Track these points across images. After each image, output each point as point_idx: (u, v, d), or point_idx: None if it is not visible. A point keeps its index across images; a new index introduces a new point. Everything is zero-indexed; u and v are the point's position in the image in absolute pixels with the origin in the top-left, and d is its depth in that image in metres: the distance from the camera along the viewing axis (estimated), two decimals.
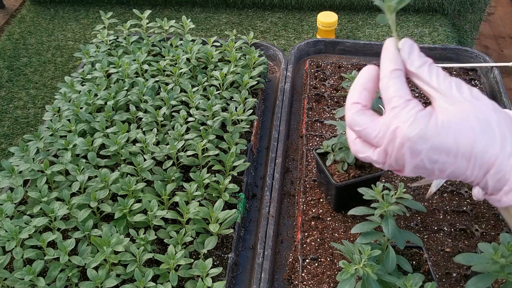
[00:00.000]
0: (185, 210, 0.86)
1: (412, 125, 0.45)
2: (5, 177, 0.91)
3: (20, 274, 0.76)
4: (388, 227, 0.65)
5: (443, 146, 0.45)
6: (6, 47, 1.91)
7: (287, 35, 1.90)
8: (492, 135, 0.45)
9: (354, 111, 0.49)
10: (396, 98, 0.46)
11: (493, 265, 0.60)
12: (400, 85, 0.47)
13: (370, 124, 0.48)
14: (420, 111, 0.45)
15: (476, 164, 0.45)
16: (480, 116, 0.45)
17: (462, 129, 0.44)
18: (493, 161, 0.45)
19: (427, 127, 0.45)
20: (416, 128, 0.44)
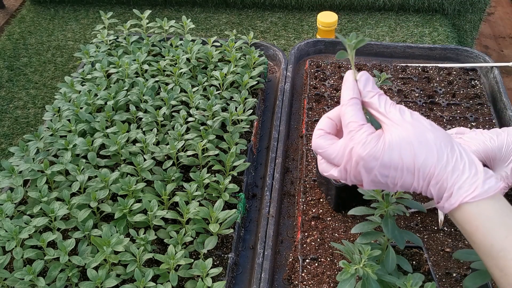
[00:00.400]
0: (185, 210, 0.86)
1: (364, 146, 0.53)
2: (5, 177, 0.91)
3: (20, 274, 0.76)
4: (388, 227, 0.65)
5: (390, 162, 0.52)
6: (6, 47, 1.91)
7: (287, 35, 1.90)
8: (430, 149, 0.52)
9: (317, 136, 0.58)
10: (352, 123, 0.55)
11: None
12: (356, 111, 0.56)
13: (330, 147, 0.56)
14: (371, 133, 0.54)
15: (420, 176, 0.53)
16: (419, 135, 0.53)
17: (404, 147, 0.52)
18: (433, 171, 0.52)
19: (376, 147, 0.53)
20: (367, 148, 0.53)
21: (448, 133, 0.55)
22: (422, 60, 1.34)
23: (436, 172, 0.52)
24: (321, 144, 0.58)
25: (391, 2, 2.04)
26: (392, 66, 1.28)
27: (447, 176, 0.52)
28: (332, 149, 0.56)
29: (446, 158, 0.52)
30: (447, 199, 0.53)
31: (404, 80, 1.24)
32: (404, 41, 1.91)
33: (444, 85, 1.22)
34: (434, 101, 1.18)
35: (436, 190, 0.53)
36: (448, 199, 0.53)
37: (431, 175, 0.52)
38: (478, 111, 1.15)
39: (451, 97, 1.19)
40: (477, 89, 1.21)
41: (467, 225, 0.53)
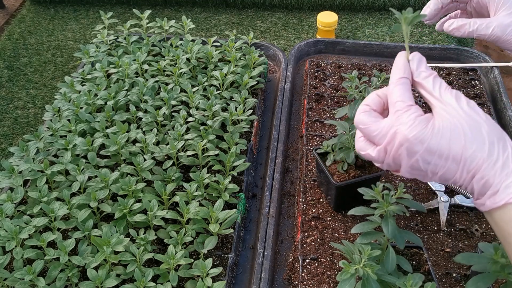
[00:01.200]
0: (185, 210, 0.86)
1: (411, 127, 0.50)
2: (5, 177, 0.91)
3: (20, 274, 0.76)
4: (388, 227, 0.65)
5: (436, 148, 0.50)
6: (6, 47, 1.91)
7: (287, 35, 1.90)
8: (482, 142, 0.49)
9: (361, 111, 0.55)
10: (400, 103, 0.52)
11: (493, 264, 0.60)
12: (404, 91, 0.53)
13: (373, 124, 0.53)
14: (420, 116, 0.51)
15: (464, 168, 0.50)
16: (473, 125, 0.50)
17: (455, 135, 0.49)
18: (480, 165, 0.49)
19: (424, 130, 0.50)
20: (414, 130, 0.50)
21: (503, 131, 0.53)
22: None
23: (484, 166, 0.50)
24: (364, 120, 0.55)
25: (391, 2, 2.03)
26: (392, 66, 1.28)
27: (495, 173, 0.49)
28: (375, 126, 0.53)
29: (496, 154, 0.50)
30: (491, 197, 0.50)
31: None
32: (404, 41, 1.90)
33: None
34: None
35: (480, 186, 0.50)
36: (492, 197, 0.50)
37: (477, 169, 0.50)
38: None
39: None
40: (477, 89, 1.21)
41: (509, 225, 0.50)
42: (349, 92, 0.86)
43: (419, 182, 0.99)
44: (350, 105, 0.85)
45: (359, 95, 0.84)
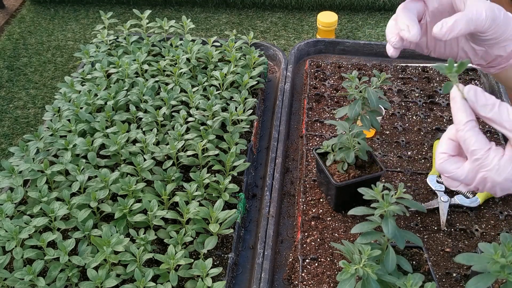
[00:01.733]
0: (185, 210, 0.86)
1: (498, 172, 0.54)
2: (5, 177, 0.91)
3: (20, 274, 0.76)
4: (388, 227, 0.65)
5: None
6: (6, 47, 1.91)
7: (287, 35, 1.90)
8: None
9: (442, 160, 0.58)
10: (477, 150, 0.54)
11: (493, 265, 0.60)
12: (477, 136, 0.55)
13: (457, 171, 0.57)
14: (501, 157, 0.54)
15: None
16: None
17: None
18: None
19: (511, 171, 0.53)
20: (502, 174, 0.53)
21: None
22: (422, 60, 1.33)
23: None
24: (447, 169, 0.58)
25: (391, 2, 2.03)
26: (392, 66, 1.28)
27: None
28: (459, 172, 0.57)
29: None
30: None
31: (404, 80, 1.24)
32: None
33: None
34: (434, 101, 1.18)
35: None
36: None
37: None
38: None
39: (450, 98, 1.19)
40: None
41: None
42: (349, 92, 0.86)
43: (419, 182, 0.99)
44: (350, 105, 0.85)
45: (359, 95, 0.84)
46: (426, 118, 1.13)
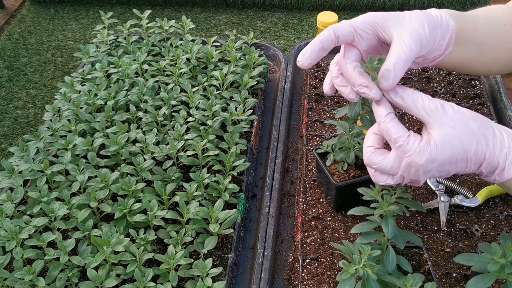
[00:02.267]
0: (185, 210, 0.86)
1: (419, 154, 0.58)
2: (5, 177, 0.91)
3: (20, 274, 0.76)
4: (388, 227, 0.65)
5: (445, 160, 0.58)
6: (6, 47, 1.91)
7: (287, 35, 1.90)
8: (477, 139, 0.58)
9: (368, 154, 0.63)
10: (398, 138, 0.59)
11: (493, 265, 0.60)
12: (397, 125, 0.60)
13: (384, 161, 0.62)
14: (421, 141, 0.59)
15: (472, 163, 0.59)
16: (464, 128, 0.58)
17: (455, 143, 0.58)
18: (484, 157, 0.58)
19: (431, 152, 0.58)
20: (423, 156, 0.58)
21: (485, 118, 0.61)
22: None
23: (487, 156, 0.58)
24: (374, 160, 0.62)
25: (391, 2, 2.03)
26: None
27: (497, 157, 0.58)
28: (385, 163, 0.61)
29: (492, 142, 0.58)
30: (499, 174, 0.59)
31: (404, 80, 1.24)
32: None
33: (444, 85, 1.22)
34: None
35: (488, 169, 0.60)
36: (501, 173, 0.59)
37: (482, 160, 0.59)
38: (478, 111, 1.15)
39: (451, 97, 1.19)
40: (477, 89, 1.21)
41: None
42: None
43: None
44: (350, 105, 0.84)
45: None
46: None
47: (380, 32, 0.67)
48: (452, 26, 0.69)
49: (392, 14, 0.68)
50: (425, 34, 0.65)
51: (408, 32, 0.64)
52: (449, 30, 0.69)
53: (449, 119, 0.58)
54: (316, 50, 0.69)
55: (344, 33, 0.67)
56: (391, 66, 0.62)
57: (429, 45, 0.67)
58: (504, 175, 0.59)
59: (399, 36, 0.64)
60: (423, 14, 0.67)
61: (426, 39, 0.65)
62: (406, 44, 0.63)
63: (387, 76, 0.62)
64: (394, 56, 0.62)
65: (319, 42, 0.69)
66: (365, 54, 0.70)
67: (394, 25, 0.66)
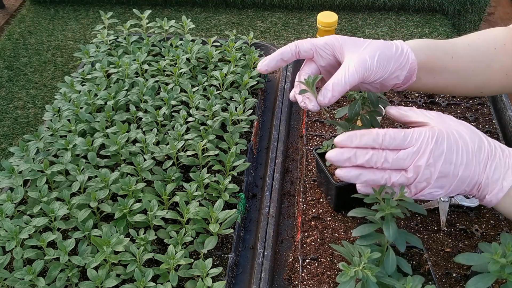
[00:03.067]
0: (185, 210, 0.86)
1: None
2: (5, 177, 0.91)
3: (20, 274, 0.76)
4: (390, 230, 0.65)
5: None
6: (6, 47, 1.91)
7: (287, 35, 1.90)
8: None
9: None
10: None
11: (493, 265, 0.60)
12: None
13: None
14: None
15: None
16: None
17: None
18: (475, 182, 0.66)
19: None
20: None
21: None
22: None
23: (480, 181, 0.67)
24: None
25: (391, 2, 2.04)
26: None
27: (488, 182, 0.66)
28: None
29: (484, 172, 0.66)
30: (490, 200, 0.66)
31: None
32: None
33: None
34: (434, 101, 1.18)
35: (479, 194, 0.67)
36: (491, 199, 0.66)
37: (473, 185, 0.67)
38: (478, 111, 1.15)
39: (451, 97, 1.19)
40: None
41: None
42: (349, 92, 0.85)
43: None
44: (350, 105, 0.85)
45: (359, 95, 0.84)
46: None
47: (337, 54, 0.74)
48: (413, 60, 0.74)
49: (352, 40, 0.74)
50: (371, 64, 0.70)
51: (357, 59, 0.70)
52: (409, 63, 0.74)
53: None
54: (274, 59, 0.76)
55: (304, 49, 0.74)
56: (329, 86, 0.69)
57: (377, 74, 0.72)
58: (493, 200, 0.65)
59: (348, 61, 0.70)
60: (380, 45, 0.73)
61: (372, 69, 0.70)
62: (350, 71, 0.69)
63: (324, 94, 0.69)
64: (335, 78, 0.69)
65: (279, 53, 0.76)
66: (323, 69, 0.77)
67: (349, 50, 0.72)
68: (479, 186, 0.67)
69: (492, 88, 0.86)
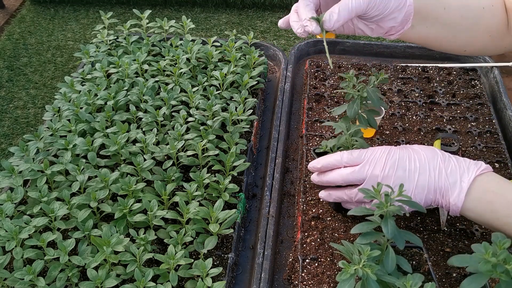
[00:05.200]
0: (185, 210, 0.86)
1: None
2: (5, 177, 0.91)
3: (20, 274, 0.76)
4: (388, 228, 0.65)
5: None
6: (6, 47, 1.91)
7: (287, 35, 1.90)
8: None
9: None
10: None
11: (484, 264, 0.60)
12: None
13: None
14: None
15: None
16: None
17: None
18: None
19: None
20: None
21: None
22: (422, 60, 1.33)
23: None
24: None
25: None
26: (392, 66, 1.28)
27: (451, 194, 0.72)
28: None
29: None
30: (453, 211, 0.73)
31: (404, 80, 1.24)
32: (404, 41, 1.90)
33: (444, 85, 1.22)
34: (434, 101, 1.18)
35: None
36: (452, 211, 0.72)
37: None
38: (478, 111, 1.15)
39: (451, 97, 1.19)
40: (477, 89, 1.21)
41: (478, 217, 0.72)
42: (348, 91, 0.85)
43: None
44: (349, 104, 0.85)
45: (357, 94, 0.84)
46: (426, 118, 1.13)
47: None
48: (410, 2, 0.78)
49: None
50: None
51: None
52: (406, 6, 0.77)
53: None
54: (312, 11, 0.78)
55: None
56: (336, 9, 0.73)
57: (379, 8, 0.76)
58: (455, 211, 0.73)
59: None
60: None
61: (375, 1, 0.74)
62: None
63: (330, 17, 0.74)
64: (342, 3, 0.73)
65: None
66: (323, 3, 0.81)
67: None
68: (441, 191, 0.70)
69: (475, 47, 0.90)
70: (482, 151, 1.05)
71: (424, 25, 0.83)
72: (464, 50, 0.90)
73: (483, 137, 1.08)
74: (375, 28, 0.82)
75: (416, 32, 0.83)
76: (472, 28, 0.85)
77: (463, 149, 1.06)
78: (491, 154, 1.04)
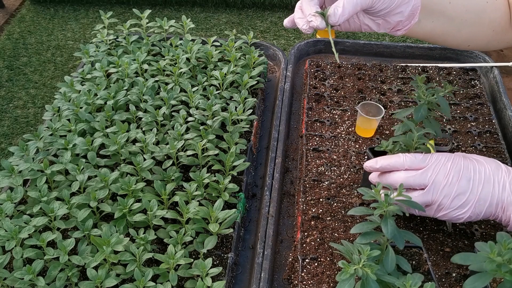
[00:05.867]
0: (185, 210, 0.86)
1: None
2: (5, 177, 0.91)
3: (19, 274, 0.76)
4: (388, 227, 0.65)
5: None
6: (6, 46, 1.91)
7: (287, 35, 1.90)
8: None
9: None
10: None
11: (489, 263, 0.60)
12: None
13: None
14: None
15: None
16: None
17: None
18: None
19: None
20: None
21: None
22: (422, 60, 1.33)
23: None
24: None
25: None
26: (392, 66, 1.28)
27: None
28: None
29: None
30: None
31: (404, 80, 1.24)
32: (404, 41, 1.91)
33: (444, 85, 1.22)
34: None
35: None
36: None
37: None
38: (478, 111, 1.15)
39: (451, 97, 1.19)
40: (477, 89, 1.21)
41: None
42: (419, 96, 0.85)
43: None
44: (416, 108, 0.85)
45: (422, 99, 0.85)
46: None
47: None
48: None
49: None
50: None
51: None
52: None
53: None
54: (316, 6, 0.77)
55: None
56: (341, 3, 0.72)
57: (385, 1, 0.74)
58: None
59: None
60: None
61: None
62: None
63: (335, 11, 0.72)
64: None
65: None
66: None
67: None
68: (503, 205, 0.68)
69: (478, 42, 0.90)
70: (481, 151, 1.05)
71: (430, 19, 0.82)
72: (468, 45, 0.90)
73: (483, 137, 1.08)
74: (381, 23, 0.80)
75: (422, 27, 0.83)
76: (476, 22, 0.85)
77: (463, 149, 1.06)
78: (491, 154, 1.04)
